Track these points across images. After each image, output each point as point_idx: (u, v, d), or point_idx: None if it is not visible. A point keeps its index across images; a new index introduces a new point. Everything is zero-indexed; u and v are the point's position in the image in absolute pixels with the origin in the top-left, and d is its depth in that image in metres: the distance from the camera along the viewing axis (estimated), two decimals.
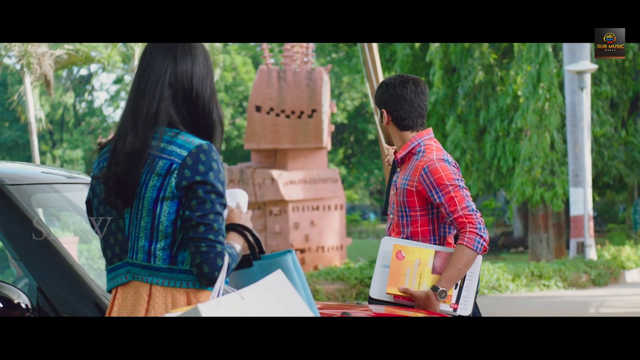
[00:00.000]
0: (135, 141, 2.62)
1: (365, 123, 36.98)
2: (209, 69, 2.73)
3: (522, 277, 14.84)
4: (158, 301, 2.61)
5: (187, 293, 2.62)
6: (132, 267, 2.64)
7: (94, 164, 2.79)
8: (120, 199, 2.62)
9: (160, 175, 2.59)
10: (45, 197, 3.70)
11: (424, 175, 3.81)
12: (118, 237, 2.68)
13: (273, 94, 16.47)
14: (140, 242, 2.62)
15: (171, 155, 2.60)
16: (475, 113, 21.67)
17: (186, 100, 2.67)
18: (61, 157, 39.85)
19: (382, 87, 3.94)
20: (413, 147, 3.89)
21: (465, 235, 3.72)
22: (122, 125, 2.68)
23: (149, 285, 2.62)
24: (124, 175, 2.61)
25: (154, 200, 2.60)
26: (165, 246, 2.61)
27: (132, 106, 2.68)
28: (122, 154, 2.63)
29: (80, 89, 42.35)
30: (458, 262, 3.71)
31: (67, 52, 19.22)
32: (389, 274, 3.70)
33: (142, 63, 2.71)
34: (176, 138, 2.62)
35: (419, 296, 3.69)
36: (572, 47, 17.83)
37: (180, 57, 2.68)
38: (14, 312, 3.15)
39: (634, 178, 22.57)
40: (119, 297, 2.67)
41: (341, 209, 17.03)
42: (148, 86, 2.66)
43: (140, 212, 2.62)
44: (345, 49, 30.72)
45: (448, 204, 3.76)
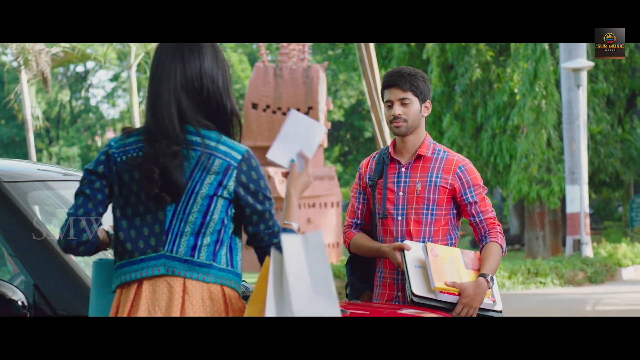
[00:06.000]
0: (170, 144, 2.62)
1: (362, 120, 36.95)
2: (220, 64, 2.74)
3: (518, 274, 14.86)
4: (195, 296, 2.62)
5: (222, 289, 2.66)
6: (168, 261, 2.63)
7: (115, 148, 2.71)
8: (168, 193, 2.62)
9: (217, 174, 2.64)
10: (41, 195, 3.69)
11: (460, 173, 3.85)
12: (155, 229, 2.65)
13: (269, 92, 16.46)
14: (184, 237, 2.64)
15: (226, 157, 2.66)
16: (472, 110, 21.67)
17: (199, 99, 2.69)
18: (57, 155, 39.80)
19: (422, 78, 3.86)
20: (432, 144, 3.91)
21: (497, 237, 3.84)
22: (151, 130, 2.67)
23: (182, 280, 2.63)
24: (168, 172, 2.61)
25: (209, 196, 2.64)
26: (211, 242, 2.65)
27: (153, 110, 2.68)
28: (160, 155, 2.62)
29: (76, 87, 42.28)
30: (497, 257, 3.79)
31: (64, 49, 19.21)
32: (432, 270, 3.64)
33: (152, 67, 2.73)
34: (222, 139, 2.68)
35: (468, 286, 3.63)
36: (568, 45, 17.84)
37: (188, 57, 2.70)
38: (10, 309, 3.15)
39: (630, 175, 22.59)
40: (147, 290, 2.63)
41: (337, 207, 17.04)
42: (162, 90, 2.67)
43: (189, 207, 2.64)
44: (341, 46, 30.72)
45: (480, 204, 3.85)
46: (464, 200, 3.84)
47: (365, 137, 37.59)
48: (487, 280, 3.67)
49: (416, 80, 3.83)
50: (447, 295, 3.63)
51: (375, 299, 3.94)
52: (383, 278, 3.91)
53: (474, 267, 3.74)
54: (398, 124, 3.85)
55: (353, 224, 4.02)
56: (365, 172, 4.00)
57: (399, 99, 3.83)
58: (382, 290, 3.91)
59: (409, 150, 3.92)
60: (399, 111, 3.84)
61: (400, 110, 3.84)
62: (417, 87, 3.83)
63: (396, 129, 3.86)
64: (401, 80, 3.82)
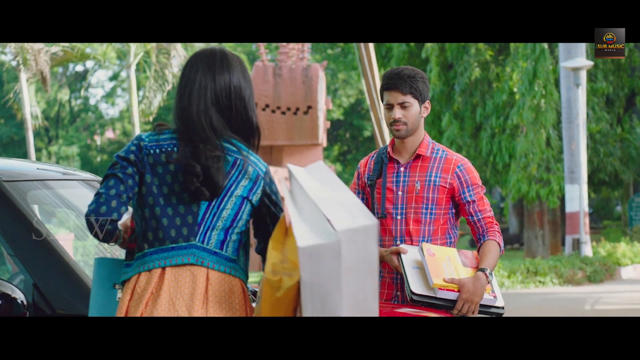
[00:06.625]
0: (212, 149, 2.78)
1: (361, 120, 36.95)
2: (247, 78, 2.90)
3: (517, 273, 14.86)
4: (217, 286, 2.76)
5: (241, 284, 2.83)
6: (198, 251, 2.77)
7: (148, 142, 2.82)
8: (208, 189, 2.76)
9: (251, 180, 2.86)
10: (40, 194, 3.69)
11: (459, 172, 3.85)
12: (188, 219, 2.78)
13: (269, 91, 16.46)
14: (215, 231, 2.80)
15: (256, 166, 2.89)
16: (472, 110, 21.67)
17: (229, 114, 2.85)
18: (57, 154, 39.78)
19: (421, 79, 3.84)
20: (431, 144, 3.90)
21: (495, 236, 3.82)
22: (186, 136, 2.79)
23: (206, 270, 2.76)
24: (210, 171, 2.76)
25: (243, 197, 2.84)
26: (236, 239, 2.84)
27: (184, 120, 2.82)
28: (202, 156, 2.77)
29: (75, 86, 42.27)
30: (495, 254, 3.78)
31: (63, 49, 19.21)
32: (430, 268, 3.63)
33: (183, 78, 2.88)
34: (249, 150, 2.88)
35: (467, 281, 3.62)
36: (568, 44, 17.84)
37: (219, 73, 2.85)
38: (10, 308, 3.15)
39: (629, 175, 22.60)
40: (170, 278, 2.74)
41: None
42: (192, 103, 2.82)
43: (224, 204, 2.81)
44: (341, 45, 30.71)
45: (478, 203, 3.85)
46: (462, 199, 3.84)
47: (365, 136, 37.58)
48: (486, 274, 3.66)
49: (416, 82, 3.81)
50: (446, 292, 3.61)
51: None
52: (382, 278, 3.91)
53: (472, 265, 3.73)
54: (398, 127, 3.84)
55: None
56: (364, 171, 3.99)
57: (399, 103, 3.82)
58: (381, 289, 3.91)
59: (408, 149, 3.92)
60: (399, 114, 3.82)
61: (400, 114, 3.82)
62: (416, 89, 3.81)
63: (396, 132, 3.85)
64: (401, 84, 3.81)
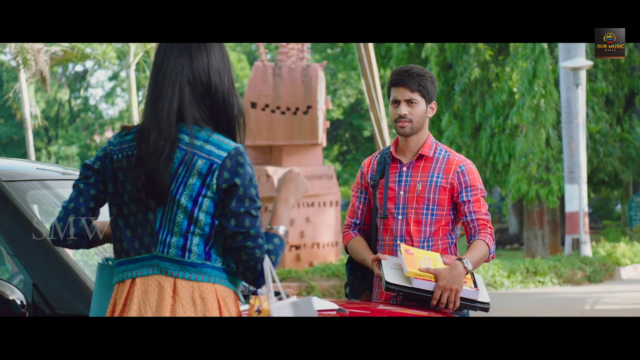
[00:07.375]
0: (158, 140, 2.61)
1: (361, 119, 36.94)
2: (226, 61, 2.74)
3: (517, 273, 14.85)
4: (184, 295, 2.60)
5: (215, 289, 2.63)
6: (161, 261, 2.63)
7: (113, 146, 2.72)
8: (153, 198, 2.62)
9: (200, 175, 2.61)
10: (40, 194, 3.69)
11: (459, 172, 3.84)
12: (147, 229, 2.65)
13: (268, 91, 16.45)
14: (174, 238, 2.62)
15: (210, 156, 2.62)
16: (471, 110, 21.66)
17: (206, 95, 2.68)
18: (56, 154, 39.80)
19: (430, 79, 3.83)
20: (435, 144, 3.89)
21: (486, 237, 3.78)
22: (144, 127, 2.66)
23: (173, 279, 2.62)
24: (153, 175, 2.60)
25: (194, 198, 2.61)
26: (200, 242, 2.63)
27: (151, 106, 2.66)
28: (146, 155, 2.62)
29: (75, 86, 42.27)
30: (480, 251, 3.73)
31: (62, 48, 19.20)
32: (405, 262, 3.58)
33: (156, 62, 2.71)
34: (211, 137, 2.64)
35: (443, 270, 3.58)
36: (567, 44, 17.83)
37: (196, 52, 2.69)
38: (9, 308, 3.14)
39: (629, 175, 22.60)
40: (139, 289, 2.63)
41: (336, 206, 17.03)
42: (166, 85, 2.66)
43: (175, 209, 2.62)
44: (340, 45, 30.71)
45: (474, 204, 3.81)
46: (459, 198, 3.83)
47: (364, 136, 37.57)
48: (464, 263, 3.62)
49: (424, 81, 3.80)
50: (422, 282, 3.57)
51: (374, 298, 3.94)
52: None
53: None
54: (403, 124, 3.83)
55: (352, 224, 4.01)
56: (367, 171, 3.99)
57: (406, 99, 3.81)
58: (380, 289, 3.91)
59: (411, 149, 3.91)
60: (405, 111, 3.81)
61: (406, 110, 3.82)
62: (424, 87, 3.81)
63: (401, 129, 3.85)
64: (410, 80, 3.80)
